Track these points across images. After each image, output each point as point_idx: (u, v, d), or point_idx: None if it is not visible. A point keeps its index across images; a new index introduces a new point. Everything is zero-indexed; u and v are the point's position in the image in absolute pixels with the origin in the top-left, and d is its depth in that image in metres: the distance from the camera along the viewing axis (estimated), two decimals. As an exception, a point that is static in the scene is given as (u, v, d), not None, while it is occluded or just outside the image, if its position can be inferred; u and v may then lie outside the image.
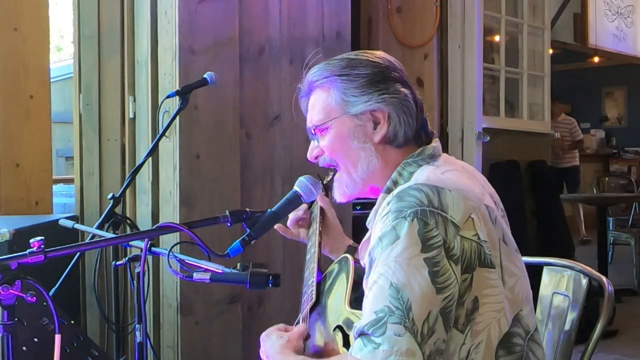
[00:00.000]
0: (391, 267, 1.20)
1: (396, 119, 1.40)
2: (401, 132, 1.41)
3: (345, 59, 1.45)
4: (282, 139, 3.13)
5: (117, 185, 3.14)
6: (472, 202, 1.28)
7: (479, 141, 4.45)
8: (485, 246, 1.26)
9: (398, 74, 1.45)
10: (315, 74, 1.47)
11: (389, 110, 1.40)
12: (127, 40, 3.12)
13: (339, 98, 1.42)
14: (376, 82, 1.41)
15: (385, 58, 1.46)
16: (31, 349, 2.05)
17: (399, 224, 1.22)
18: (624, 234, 6.17)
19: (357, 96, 1.41)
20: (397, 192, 1.29)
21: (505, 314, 1.29)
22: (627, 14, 8.55)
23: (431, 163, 1.38)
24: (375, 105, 1.40)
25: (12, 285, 1.24)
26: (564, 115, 8.29)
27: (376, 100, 1.40)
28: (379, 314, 1.17)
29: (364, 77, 1.41)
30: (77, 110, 3.35)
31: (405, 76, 1.47)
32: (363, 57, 1.45)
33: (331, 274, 1.52)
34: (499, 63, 5.13)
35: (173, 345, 2.84)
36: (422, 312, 1.17)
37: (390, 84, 1.42)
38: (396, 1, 4.37)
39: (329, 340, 1.38)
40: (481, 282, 1.26)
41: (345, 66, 1.43)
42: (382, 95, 1.40)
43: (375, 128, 1.41)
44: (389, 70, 1.44)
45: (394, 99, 1.40)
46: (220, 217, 1.45)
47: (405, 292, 1.17)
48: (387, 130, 1.40)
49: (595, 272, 1.66)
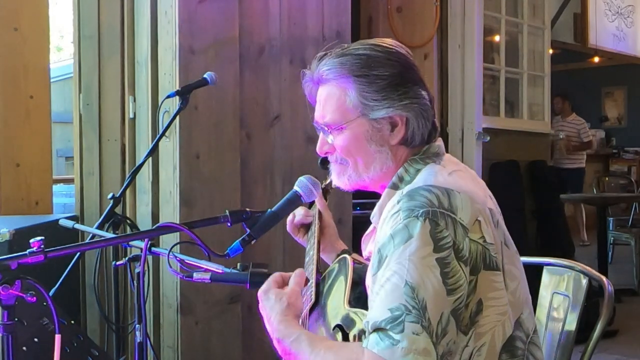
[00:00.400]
0: (405, 265, 1.20)
1: (415, 123, 1.38)
2: (418, 135, 1.39)
3: (362, 56, 1.38)
4: (282, 139, 3.13)
5: (117, 185, 3.14)
6: (478, 205, 1.28)
7: (479, 141, 4.46)
8: (491, 249, 1.27)
9: (414, 72, 1.41)
10: (329, 68, 1.40)
11: (409, 116, 1.38)
12: (127, 40, 3.12)
13: (357, 100, 1.38)
14: (396, 84, 1.37)
15: (401, 53, 1.41)
16: (31, 349, 2.05)
17: (411, 222, 1.23)
18: (624, 234, 6.16)
19: (378, 100, 1.36)
20: (408, 192, 1.29)
21: (509, 318, 1.29)
22: (627, 14, 8.55)
23: (437, 162, 1.38)
24: (396, 112, 1.37)
25: (12, 285, 1.24)
26: (575, 115, 8.27)
27: (397, 106, 1.37)
28: (394, 312, 1.17)
29: (384, 80, 1.37)
30: (77, 110, 3.35)
31: (417, 69, 1.43)
32: (380, 52, 1.39)
33: (330, 274, 1.52)
34: (499, 63, 5.13)
35: (173, 345, 2.84)
36: (436, 313, 1.17)
37: (409, 86, 1.38)
38: (396, 1, 4.37)
39: (328, 339, 1.38)
40: (486, 285, 1.26)
41: (363, 65, 1.37)
42: (403, 101, 1.37)
43: (392, 130, 1.39)
44: (407, 70, 1.39)
45: (414, 104, 1.37)
46: (220, 217, 1.45)
47: (420, 292, 1.18)
48: (405, 134, 1.38)
49: (595, 272, 1.66)
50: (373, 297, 1.25)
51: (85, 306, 3.27)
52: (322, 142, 1.46)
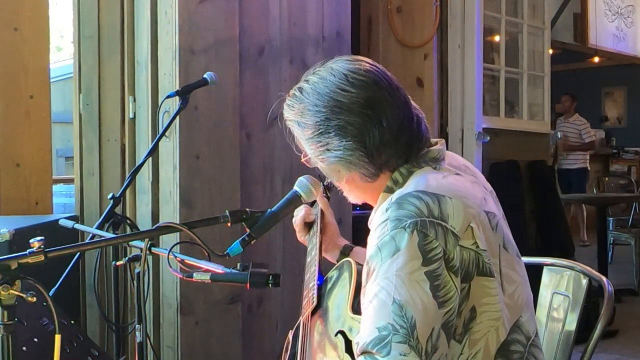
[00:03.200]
0: (392, 281, 1.17)
1: (347, 173, 1.36)
2: (366, 175, 1.36)
3: (298, 98, 1.38)
4: (282, 139, 3.10)
5: (117, 185, 3.14)
6: (472, 210, 1.26)
7: (479, 141, 4.46)
8: (484, 255, 1.24)
9: (341, 119, 1.32)
10: (286, 103, 1.42)
11: (339, 168, 1.36)
12: (127, 40, 3.12)
13: (304, 145, 1.41)
14: (319, 134, 1.34)
15: (334, 92, 1.33)
16: (31, 349, 2.04)
17: (398, 234, 1.20)
18: (624, 234, 6.17)
19: (310, 149, 1.39)
20: (397, 199, 1.26)
21: (504, 323, 1.27)
22: (627, 14, 8.55)
23: (433, 165, 1.35)
24: (329, 166, 1.37)
25: (12, 285, 1.24)
26: (577, 116, 8.27)
27: (322, 157, 1.36)
28: (382, 332, 1.15)
29: (309, 129, 1.36)
30: (77, 110, 3.35)
31: (361, 104, 1.32)
32: (312, 97, 1.35)
33: (332, 277, 1.51)
34: (499, 63, 5.13)
35: (173, 345, 2.84)
36: (426, 329, 1.15)
37: (331, 137, 1.33)
38: (396, 1, 4.37)
39: (329, 344, 1.37)
40: (479, 291, 1.24)
41: (297, 111, 1.38)
42: (325, 154, 1.35)
43: (350, 171, 1.36)
44: (333, 116, 1.33)
45: (336, 158, 1.34)
46: (220, 217, 1.45)
47: (409, 309, 1.15)
48: (359, 175, 1.36)
49: (595, 272, 1.66)
50: (363, 311, 1.23)
51: (85, 306, 3.26)
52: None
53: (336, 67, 1.37)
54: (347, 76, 1.34)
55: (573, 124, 8.16)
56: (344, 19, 3.36)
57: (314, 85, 1.37)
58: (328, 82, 1.35)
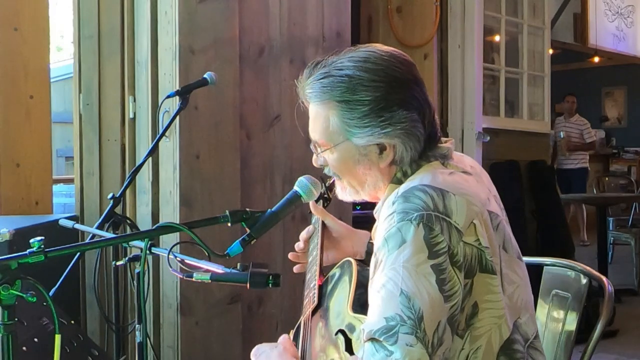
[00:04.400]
0: (400, 272, 1.18)
1: (402, 147, 1.34)
2: (407, 157, 1.35)
3: (344, 78, 1.33)
4: (282, 139, 3.13)
5: (117, 185, 3.14)
6: (475, 208, 1.27)
7: (479, 141, 4.46)
8: (487, 252, 1.25)
9: (404, 89, 1.34)
10: (312, 91, 1.37)
11: (395, 142, 1.34)
12: (127, 40, 3.12)
13: (340, 126, 1.35)
14: (380, 109, 1.32)
15: (391, 68, 1.34)
16: (31, 349, 2.05)
17: (404, 226, 1.21)
18: (624, 234, 6.17)
19: (361, 127, 1.33)
20: (403, 192, 1.27)
21: (507, 320, 1.28)
22: (627, 14, 8.55)
23: (441, 161, 1.37)
24: (379, 139, 1.34)
25: (12, 285, 1.24)
26: (578, 116, 8.29)
27: (379, 134, 1.33)
28: (390, 322, 1.15)
29: (366, 105, 1.32)
30: (77, 110, 3.35)
31: (410, 80, 1.36)
32: (364, 72, 1.33)
33: (333, 276, 1.51)
34: (499, 63, 5.13)
35: (173, 345, 2.84)
36: (433, 322, 1.16)
37: (394, 110, 1.32)
38: (396, 1, 4.38)
39: (329, 343, 1.37)
40: (482, 288, 1.25)
41: (345, 90, 1.33)
42: (386, 129, 1.32)
43: (380, 154, 1.36)
44: (393, 90, 1.33)
45: (399, 130, 1.33)
46: (220, 217, 1.44)
47: (416, 301, 1.15)
48: (393, 158, 1.36)
49: (595, 272, 1.66)
50: (371, 300, 1.24)
51: (85, 306, 3.26)
52: (316, 157, 1.46)
53: (369, 49, 1.38)
54: (394, 54, 1.37)
55: (575, 124, 8.16)
56: (344, 19, 3.36)
57: (361, 64, 1.34)
58: (378, 59, 1.35)
